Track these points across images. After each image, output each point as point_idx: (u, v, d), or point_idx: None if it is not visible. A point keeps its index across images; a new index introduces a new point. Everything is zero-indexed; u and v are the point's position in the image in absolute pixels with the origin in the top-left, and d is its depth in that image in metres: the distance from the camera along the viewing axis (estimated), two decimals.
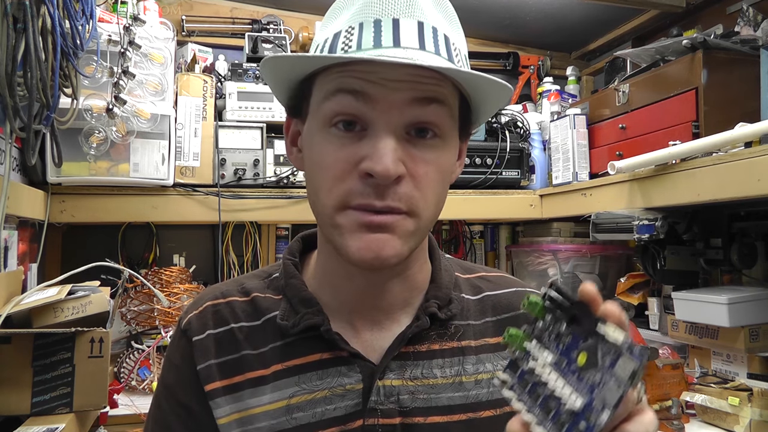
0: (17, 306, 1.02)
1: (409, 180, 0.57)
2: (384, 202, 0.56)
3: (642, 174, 1.42)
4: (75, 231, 1.80)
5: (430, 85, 0.56)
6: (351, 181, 0.56)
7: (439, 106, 0.57)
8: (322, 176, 0.58)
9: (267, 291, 0.68)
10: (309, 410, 0.61)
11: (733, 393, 1.26)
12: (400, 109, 0.56)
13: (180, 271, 1.68)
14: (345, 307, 0.66)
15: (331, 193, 0.57)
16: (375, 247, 0.56)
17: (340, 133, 0.57)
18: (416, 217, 0.58)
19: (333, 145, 0.57)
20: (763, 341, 1.34)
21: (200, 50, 1.83)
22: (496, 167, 1.85)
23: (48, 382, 1.02)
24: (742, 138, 1.17)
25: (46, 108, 1.14)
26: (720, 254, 1.50)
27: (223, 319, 0.66)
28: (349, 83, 0.56)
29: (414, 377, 0.63)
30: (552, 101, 2.08)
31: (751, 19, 1.64)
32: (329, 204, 0.58)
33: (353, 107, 0.56)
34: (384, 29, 0.56)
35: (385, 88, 0.55)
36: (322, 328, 0.62)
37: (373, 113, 0.56)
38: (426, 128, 0.58)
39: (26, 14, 1.00)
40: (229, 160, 1.65)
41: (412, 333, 0.63)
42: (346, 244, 0.57)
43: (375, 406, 0.61)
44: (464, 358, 0.66)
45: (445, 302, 0.67)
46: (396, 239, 0.57)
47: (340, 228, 0.57)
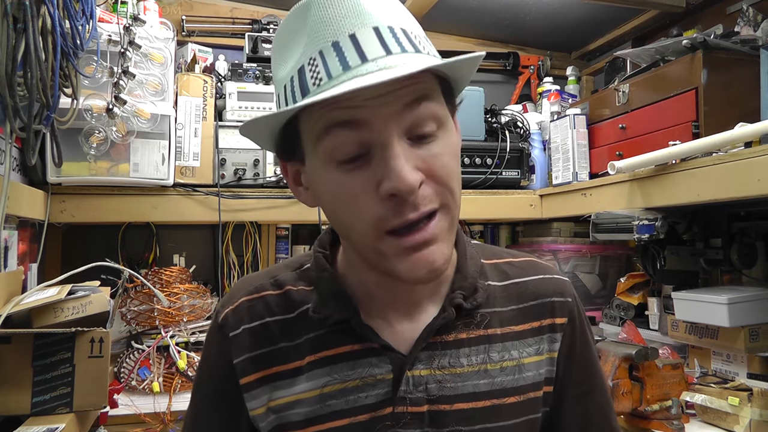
0: (17, 306, 1.02)
1: (429, 180, 0.57)
2: (417, 211, 0.56)
3: (642, 174, 1.42)
4: (75, 231, 1.80)
5: (413, 87, 0.56)
6: (376, 207, 0.56)
7: (429, 102, 0.57)
8: (347, 213, 0.58)
9: (299, 283, 0.71)
10: (342, 398, 0.65)
11: (733, 393, 1.26)
12: (396, 120, 0.55)
13: (180, 271, 1.68)
14: (377, 299, 0.67)
15: (364, 225, 0.57)
16: (425, 263, 0.57)
17: (348, 167, 0.57)
18: (448, 208, 0.59)
19: (345, 181, 0.57)
20: (763, 341, 1.33)
21: (200, 50, 1.83)
22: (496, 167, 1.85)
23: (48, 382, 1.02)
24: (742, 138, 1.17)
25: (46, 108, 1.14)
26: (720, 254, 1.50)
27: (258, 313, 0.69)
28: (337, 117, 0.55)
29: (441, 367, 0.65)
30: (552, 101, 2.08)
31: (751, 19, 1.64)
32: (367, 235, 0.58)
33: (355, 138, 0.55)
34: (345, 49, 0.55)
35: (373, 107, 0.55)
36: (352, 322, 0.65)
37: (371, 135, 0.55)
38: (425, 132, 0.57)
39: (26, 14, 1.00)
40: (229, 160, 1.65)
41: (439, 325, 0.66)
42: (396, 269, 0.58)
43: (404, 395, 0.64)
44: (490, 346, 0.68)
45: (471, 292, 0.68)
46: (441, 244, 0.58)
47: (385, 255, 0.58)
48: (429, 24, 2.16)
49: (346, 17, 0.56)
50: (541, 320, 0.71)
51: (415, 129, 0.57)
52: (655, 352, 1.33)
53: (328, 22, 0.56)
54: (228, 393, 0.68)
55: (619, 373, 1.31)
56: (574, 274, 1.93)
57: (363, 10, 0.56)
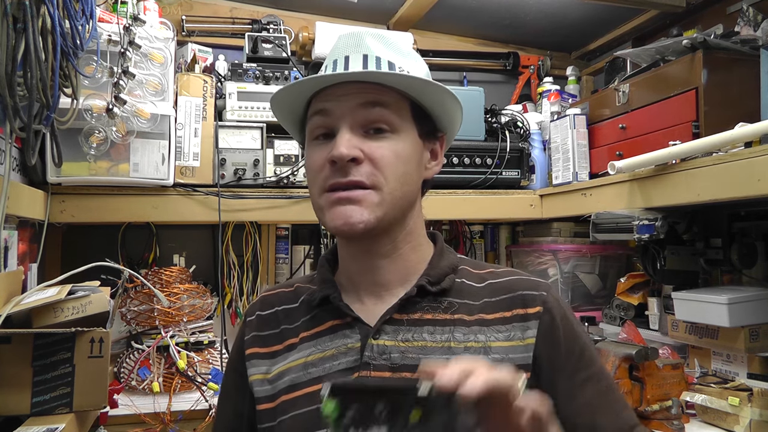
0: (17, 306, 1.02)
1: (368, 162, 0.74)
2: (347, 178, 0.74)
3: (642, 174, 1.42)
4: (75, 231, 1.80)
5: (371, 94, 0.76)
6: (325, 170, 0.76)
7: (383, 108, 0.76)
8: (309, 174, 0.80)
9: (308, 283, 0.87)
10: (320, 365, 0.77)
11: (733, 393, 1.26)
12: (351, 113, 0.76)
13: (180, 271, 1.68)
14: (354, 284, 0.83)
15: (315, 183, 0.78)
16: (344, 215, 0.74)
17: (319, 142, 0.78)
18: (379, 189, 0.75)
19: (315, 151, 0.78)
20: (763, 341, 1.33)
21: (200, 50, 1.83)
22: (496, 167, 1.85)
23: (48, 382, 1.02)
24: (742, 138, 1.17)
25: (46, 108, 1.14)
26: (720, 254, 1.50)
27: (270, 303, 0.87)
28: (317, 106, 0.78)
29: (405, 339, 0.75)
30: (552, 101, 2.08)
31: (751, 19, 1.64)
32: (314, 192, 0.78)
33: (321, 121, 0.78)
34: (338, 64, 0.80)
35: (338, 101, 0.76)
36: (331, 297, 0.79)
37: (334, 121, 0.76)
38: (380, 128, 0.76)
39: (26, 14, 1.00)
40: (229, 160, 1.65)
41: (402, 301, 0.77)
42: (326, 219, 0.76)
43: (368, 361, 0.74)
44: (455, 328, 0.76)
45: (436, 279, 0.79)
46: (362, 209, 0.74)
47: (323, 208, 0.77)
48: (429, 24, 2.16)
49: (350, 46, 0.81)
50: (512, 310, 0.77)
51: (368, 125, 0.76)
52: (655, 352, 1.33)
53: (339, 48, 0.82)
54: (239, 368, 0.84)
55: (619, 373, 1.31)
56: (574, 274, 1.93)
57: (363, 44, 0.80)
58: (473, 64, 2.31)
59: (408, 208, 0.79)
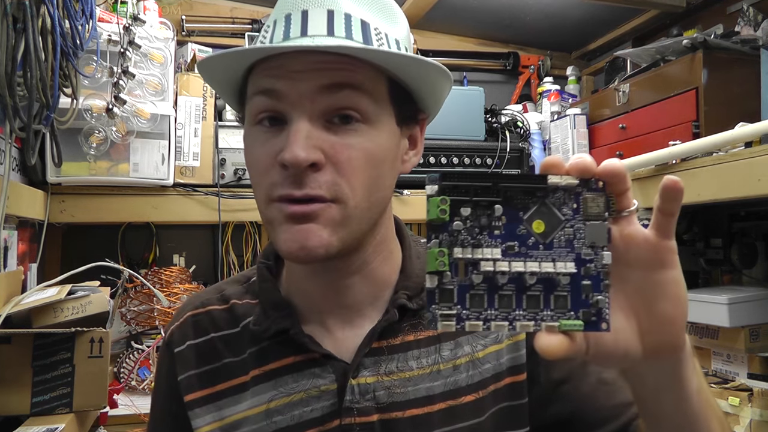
0: (17, 306, 1.02)
1: (330, 167, 0.55)
2: (302, 190, 0.55)
3: (642, 174, 1.42)
4: (75, 231, 1.79)
5: (338, 71, 0.55)
6: (273, 173, 0.56)
7: (353, 91, 0.56)
8: (252, 173, 0.59)
9: (245, 296, 0.69)
10: (287, 413, 0.61)
11: (733, 393, 1.26)
12: (311, 98, 0.55)
13: (180, 271, 1.68)
14: (315, 307, 0.65)
15: (260, 188, 0.58)
16: (300, 237, 0.55)
17: (264, 129, 0.57)
18: (342, 203, 0.56)
19: (258, 142, 0.58)
20: (763, 341, 1.33)
21: (200, 50, 1.83)
22: (496, 167, 1.85)
23: (48, 382, 1.02)
24: (742, 138, 1.17)
25: (46, 108, 1.14)
26: (720, 254, 1.50)
27: (203, 329, 0.67)
28: (262, 83, 0.57)
29: (389, 372, 0.62)
30: (552, 101, 2.08)
31: (751, 19, 1.64)
32: (260, 199, 0.58)
33: (268, 105, 0.56)
34: (293, 22, 0.57)
35: (292, 80, 0.55)
36: (291, 332, 0.62)
37: (286, 107, 0.56)
38: (347, 114, 0.56)
39: (26, 14, 1.00)
40: (229, 160, 1.65)
41: (381, 328, 0.62)
42: (277, 238, 0.57)
43: (351, 405, 0.61)
44: (440, 345, 0.64)
45: (416, 291, 0.65)
46: (321, 229, 0.55)
47: (272, 222, 0.57)
48: (429, 24, 2.16)
49: None
50: None
51: (333, 112, 0.56)
52: None
53: None
54: (176, 412, 0.66)
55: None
56: None
57: None
58: (473, 64, 2.31)
59: (379, 216, 0.62)
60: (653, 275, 0.42)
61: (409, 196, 1.72)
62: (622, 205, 0.41)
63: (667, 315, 0.42)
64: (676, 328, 0.43)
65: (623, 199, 0.41)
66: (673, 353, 0.44)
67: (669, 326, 0.42)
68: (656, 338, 0.42)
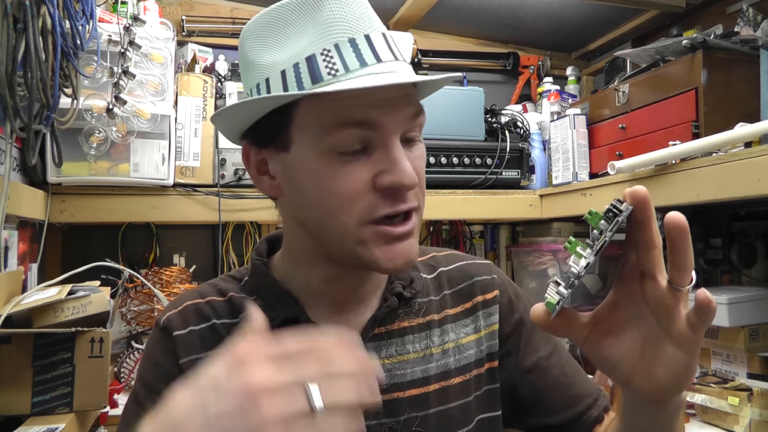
0: (17, 306, 1.02)
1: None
2: (408, 204, 0.61)
3: (642, 174, 1.42)
4: (75, 231, 1.80)
5: (415, 97, 0.62)
6: (369, 197, 0.59)
7: (422, 115, 0.63)
8: (336, 200, 0.60)
9: (241, 293, 0.71)
10: None
11: (733, 393, 1.26)
12: (402, 126, 0.60)
13: (180, 271, 1.68)
14: (318, 298, 0.69)
15: (352, 212, 0.60)
16: (404, 253, 0.61)
17: (346, 158, 0.59)
18: (420, 209, 0.64)
19: (343, 169, 0.59)
20: (763, 341, 1.33)
21: (200, 50, 1.83)
22: (496, 167, 1.85)
23: (48, 382, 1.02)
24: (742, 138, 1.17)
25: (46, 108, 1.14)
26: (720, 254, 1.50)
27: (205, 316, 0.69)
28: (353, 115, 0.58)
29: (389, 355, 0.68)
30: (552, 101, 2.08)
31: (751, 19, 1.64)
32: (351, 223, 0.60)
33: (360, 136, 0.59)
34: (362, 48, 0.59)
35: (386, 109, 0.59)
36: (300, 318, 0.66)
37: (379, 136, 0.59)
38: (413, 137, 0.63)
39: (26, 14, 1.00)
40: (229, 160, 1.65)
41: (383, 314, 0.69)
42: (375, 257, 0.60)
43: None
44: (431, 331, 0.71)
45: (408, 281, 0.72)
46: (415, 240, 0.63)
47: (366, 243, 0.60)
48: (429, 24, 2.16)
49: (362, 20, 0.60)
50: (473, 300, 0.75)
51: (406, 134, 0.62)
52: None
53: (344, 19, 0.59)
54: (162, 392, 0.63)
55: None
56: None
57: (372, 16, 0.62)
58: (473, 64, 2.31)
59: None
60: (671, 348, 0.47)
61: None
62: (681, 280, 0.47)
63: (662, 380, 0.48)
64: (662, 392, 0.49)
65: (683, 275, 0.46)
66: (652, 402, 0.51)
67: (656, 385, 0.48)
68: (641, 384, 0.49)
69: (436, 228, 2.19)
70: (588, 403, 0.73)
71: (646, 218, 0.46)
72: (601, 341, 0.50)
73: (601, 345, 0.50)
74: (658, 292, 0.47)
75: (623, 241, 0.48)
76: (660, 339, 0.48)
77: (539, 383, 0.73)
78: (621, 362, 0.49)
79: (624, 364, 0.49)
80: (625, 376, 0.50)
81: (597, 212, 0.47)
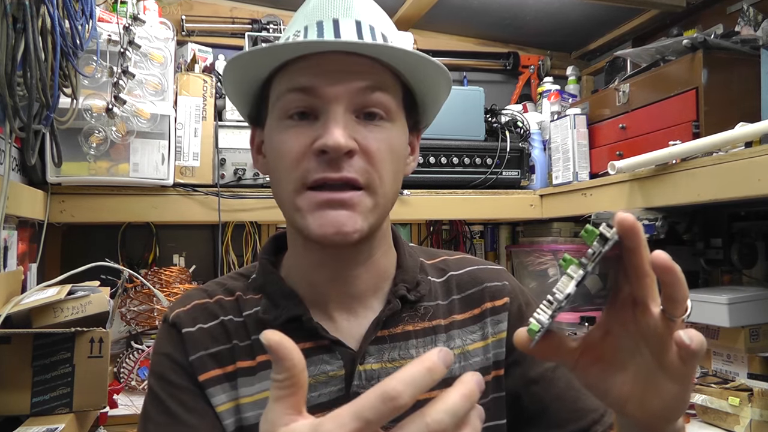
0: (17, 306, 1.02)
1: (362, 155, 0.61)
2: (339, 173, 0.60)
3: (642, 174, 1.42)
4: (75, 231, 1.80)
5: (371, 74, 0.62)
6: (307, 161, 0.61)
7: (383, 93, 0.63)
8: (282, 164, 0.63)
9: (248, 292, 0.71)
10: None
11: (733, 393, 1.26)
12: (348, 98, 0.61)
13: (180, 271, 1.68)
14: (320, 298, 0.69)
15: (290, 177, 0.62)
16: (336, 222, 0.60)
17: (295, 123, 0.62)
18: (374, 192, 0.62)
19: (289, 134, 0.62)
20: (763, 341, 1.33)
21: (200, 50, 1.83)
22: (496, 167, 1.85)
23: (48, 382, 1.02)
24: (742, 138, 1.17)
25: (46, 108, 1.13)
26: (720, 254, 1.50)
27: (213, 314, 0.69)
28: (298, 81, 0.61)
29: (392, 359, 0.67)
30: (552, 101, 2.07)
31: (751, 19, 1.64)
32: (289, 188, 0.62)
33: (304, 101, 0.61)
34: (326, 28, 0.63)
35: (330, 80, 0.61)
36: (303, 318, 0.65)
37: (322, 104, 0.61)
38: (373, 112, 0.63)
39: (26, 14, 1.00)
40: (229, 160, 1.65)
41: (385, 316, 0.67)
42: (307, 224, 0.61)
43: (358, 390, 0.64)
44: (436, 337, 0.69)
45: (413, 285, 0.71)
46: (356, 215, 0.61)
47: (301, 210, 0.61)
48: (429, 24, 2.16)
49: (337, 8, 0.64)
50: (481, 306, 0.74)
51: (363, 108, 0.62)
52: None
53: (320, 8, 0.65)
54: (191, 390, 0.65)
55: None
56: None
57: (352, 6, 0.64)
58: (473, 64, 2.31)
59: (390, 209, 0.68)
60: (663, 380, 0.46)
61: (409, 196, 1.72)
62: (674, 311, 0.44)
63: (654, 410, 0.47)
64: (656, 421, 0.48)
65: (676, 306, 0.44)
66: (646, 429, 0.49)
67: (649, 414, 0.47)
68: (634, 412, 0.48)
69: (436, 228, 2.19)
70: (593, 419, 0.71)
71: (634, 247, 0.44)
72: (591, 368, 0.49)
73: (592, 372, 0.49)
74: (651, 321, 0.45)
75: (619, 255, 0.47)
76: (652, 369, 0.46)
77: (544, 394, 0.71)
78: (612, 390, 0.48)
79: (615, 391, 0.48)
80: (617, 404, 0.48)
81: (593, 230, 0.45)
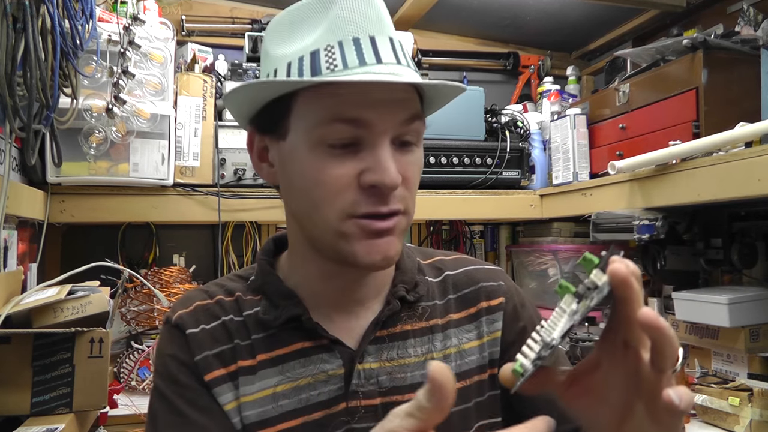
0: (17, 306, 1.02)
1: (402, 184, 0.62)
2: (389, 207, 0.61)
3: (642, 174, 1.42)
4: (75, 231, 1.80)
5: (410, 102, 0.62)
6: (352, 193, 0.60)
7: (420, 121, 0.64)
8: (320, 192, 0.61)
9: (248, 293, 0.72)
10: (294, 397, 0.65)
11: (733, 393, 1.26)
12: (393, 130, 0.61)
13: (180, 271, 1.68)
14: (322, 301, 0.69)
15: (333, 206, 0.61)
16: (383, 249, 0.62)
17: (335, 151, 0.60)
18: (408, 215, 0.64)
19: (331, 164, 0.60)
20: (763, 341, 1.33)
21: (200, 50, 1.83)
22: (496, 167, 1.85)
23: (48, 382, 1.02)
24: (742, 138, 1.17)
25: (46, 108, 1.13)
26: (720, 254, 1.50)
27: (214, 314, 0.70)
28: (344, 111, 0.59)
29: (390, 359, 0.68)
30: (552, 101, 2.08)
31: (751, 18, 1.64)
32: (333, 216, 0.61)
33: (351, 133, 0.60)
34: (364, 47, 0.60)
35: (377, 112, 0.59)
36: (303, 317, 0.67)
37: (369, 136, 0.60)
38: (410, 141, 0.63)
39: (26, 14, 1.00)
40: (229, 160, 1.65)
41: (385, 316, 0.68)
42: (354, 251, 0.62)
43: (356, 389, 0.65)
44: (433, 336, 0.71)
45: (412, 285, 0.72)
46: (396, 239, 0.63)
47: (347, 236, 0.61)
48: (429, 24, 2.16)
49: (370, 22, 0.61)
50: (477, 305, 0.75)
51: (401, 137, 0.62)
52: None
53: (353, 20, 0.61)
54: (198, 389, 0.66)
55: None
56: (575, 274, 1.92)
57: (383, 20, 0.62)
58: (473, 64, 2.31)
59: None
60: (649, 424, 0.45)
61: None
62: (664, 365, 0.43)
63: None
64: None
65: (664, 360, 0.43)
66: None
67: None
68: None
69: (436, 228, 2.19)
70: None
71: (626, 298, 0.43)
72: (579, 399, 0.49)
73: (580, 403, 0.49)
74: (641, 366, 0.44)
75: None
76: (639, 412, 0.46)
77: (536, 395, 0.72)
78: (598, 423, 0.48)
79: (602, 424, 0.48)
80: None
81: (592, 259, 0.44)
